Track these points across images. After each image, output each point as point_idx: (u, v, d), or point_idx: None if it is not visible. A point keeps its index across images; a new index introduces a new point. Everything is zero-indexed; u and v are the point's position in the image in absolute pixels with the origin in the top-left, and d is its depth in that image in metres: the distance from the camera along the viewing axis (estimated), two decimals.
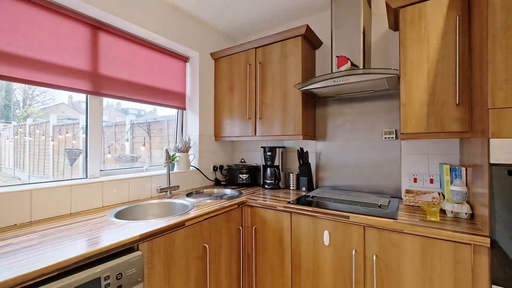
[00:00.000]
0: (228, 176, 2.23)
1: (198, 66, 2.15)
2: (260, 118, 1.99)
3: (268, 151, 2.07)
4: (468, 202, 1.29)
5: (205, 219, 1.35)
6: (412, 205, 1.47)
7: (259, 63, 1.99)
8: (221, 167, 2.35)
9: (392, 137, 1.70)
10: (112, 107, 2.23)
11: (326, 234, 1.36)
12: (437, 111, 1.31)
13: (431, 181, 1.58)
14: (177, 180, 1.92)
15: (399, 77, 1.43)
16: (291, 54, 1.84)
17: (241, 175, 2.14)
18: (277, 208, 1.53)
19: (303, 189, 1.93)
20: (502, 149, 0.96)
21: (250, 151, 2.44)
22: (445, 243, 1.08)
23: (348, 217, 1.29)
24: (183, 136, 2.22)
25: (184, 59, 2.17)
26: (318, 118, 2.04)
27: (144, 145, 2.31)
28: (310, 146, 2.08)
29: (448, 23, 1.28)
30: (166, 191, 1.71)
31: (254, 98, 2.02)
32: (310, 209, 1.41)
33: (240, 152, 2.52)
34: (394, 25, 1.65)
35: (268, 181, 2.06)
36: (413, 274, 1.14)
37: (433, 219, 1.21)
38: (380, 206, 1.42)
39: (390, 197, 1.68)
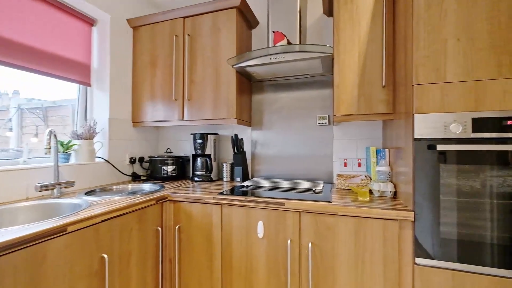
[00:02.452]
0: (151, 169, 1.86)
1: (109, 32, 1.72)
2: (188, 100, 1.71)
3: (199, 139, 1.81)
4: (391, 181, 1.34)
5: (103, 221, 1.00)
6: (344, 188, 1.47)
7: (188, 35, 1.71)
8: (142, 159, 1.96)
9: (326, 123, 1.69)
10: None
11: (260, 226, 1.21)
12: (366, 92, 1.32)
13: (359, 164, 1.63)
14: (73, 175, 1.46)
15: (333, 59, 1.40)
16: (224, 27, 1.63)
17: (165, 168, 1.81)
18: (206, 200, 1.30)
19: (238, 179, 1.76)
20: (425, 123, 0.98)
21: (179, 140, 2.12)
22: (376, 222, 1.06)
23: (283, 204, 1.17)
24: (88, 120, 1.74)
25: (90, 21, 1.70)
26: (254, 104, 1.90)
27: (36, 135, 1.72)
28: (246, 134, 1.92)
29: (376, 6, 1.30)
30: (52, 189, 1.25)
31: (182, 76, 1.73)
32: (243, 198, 1.24)
33: (166, 141, 2.17)
34: (328, 9, 1.64)
35: (198, 173, 1.80)
36: (347, 257, 1.09)
37: (364, 199, 1.19)
38: (314, 191, 1.36)
39: (324, 182, 1.66)
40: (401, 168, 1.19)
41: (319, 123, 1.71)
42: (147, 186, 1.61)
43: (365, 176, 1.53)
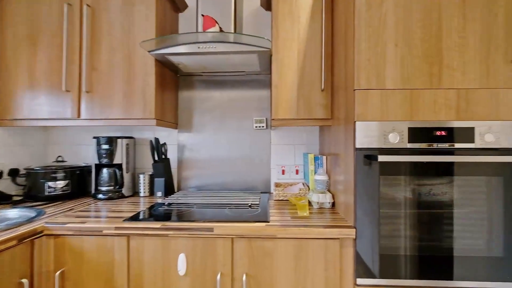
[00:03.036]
0: (28, 186, 1.33)
1: None
2: (88, 92, 1.28)
3: (105, 144, 1.39)
4: (329, 191, 1.27)
5: None
6: (282, 199, 1.33)
7: (87, 5, 1.28)
8: (15, 172, 1.39)
9: (263, 126, 1.54)
10: None
11: (181, 260, 0.94)
12: (305, 95, 1.21)
13: (297, 171, 1.54)
14: None
15: (271, 56, 1.24)
16: (141, 3, 1.28)
17: (52, 184, 1.32)
18: (104, 232, 0.94)
19: (159, 194, 1.42)
20: (366, 132, 0.90)
21: (79, 145, 1.62)
22: (317, 242, 0.93)
23: (212, 229, 0.93)
24: None
25: None
26: (182, 103, 1.59)
27: None
28: (171, 138, 1.59)
29: (316, 1, 1.20)
30: None
31: (78, 60, 1.28)
32: (158, 225, 0.94)
33: (58, 146, 1.63)
34: (266, 1, 1.48)
35: (104, 188, 1.38)
36: (287, 287, 0.94)
37: (303, 213, 1.07)
38: (250, 206, 1.18)
39: (261, 192, 1.50)
40: (339, 176, 1.12)
41: (256, 127, 1.54)
42: (14, 213, 1.11)
43: (303, 184, 1.44)
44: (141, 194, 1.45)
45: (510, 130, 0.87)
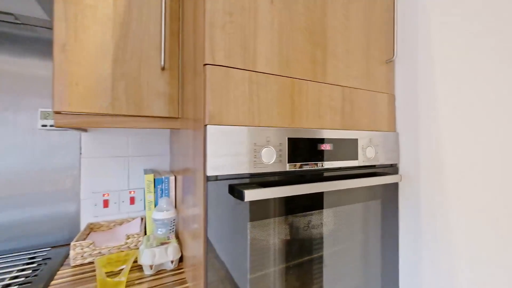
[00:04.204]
0: None
1: None
2: None
3: None
4: (177, 236, 0.79)
5: None
6: (88, 264, 0.72)
7: None
8: None
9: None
10: None
11: None
12: (131, 73, 0.67)
13: (132, 200, 0.96)
14: None
15: None
16: None
17: None
18: None
19: None
20: (225, 145, 0.49)
21: None
22: None
23: None
24: None
25: None
26: None
27: None
28: None
29: None
30: None
31: None
32: None
33: None
34: None
35: None
36: None
37: None
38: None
39: (53, 248, 0.81)
40: (192, 210, 0.66)
41: (44, 126, 0.82)
42: None
43: (141, 219, 0.89)
44: None
45: (387, 143, 0.72)
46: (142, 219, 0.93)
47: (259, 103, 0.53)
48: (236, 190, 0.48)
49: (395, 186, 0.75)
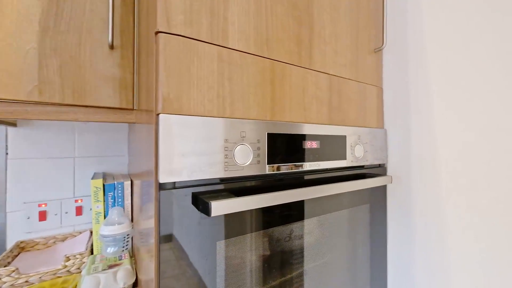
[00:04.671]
0: None
1: None
2: None
3: None
4: (131, 255, 0.65)
5: None
6: None
7: None
8: None
9: None
10: None
11: None
12: (67, 49, 0.52)
13: (79, 210, 0.79)
14: None
15: None
16: None
17: None
18: None
19: None
20: (184, 141, 0.37)
21: None
22: None
23: None
24: None
25: None
26: None
27: None
28: None
29: None
30: None
31: None
32: None
33: None
34: None
35: None
36: None
37: None
38: None
39: None
40: (147, 223, 0.53)
41: None
42: None
43: (91, 233, 0.73)
44: None
45: (375, 141, 0.65)
46: (91, 232, 0.77)
47: (231, 88, 0.41)
48: (200, 201, 0.36)
49: (383, 187, 0.68)
